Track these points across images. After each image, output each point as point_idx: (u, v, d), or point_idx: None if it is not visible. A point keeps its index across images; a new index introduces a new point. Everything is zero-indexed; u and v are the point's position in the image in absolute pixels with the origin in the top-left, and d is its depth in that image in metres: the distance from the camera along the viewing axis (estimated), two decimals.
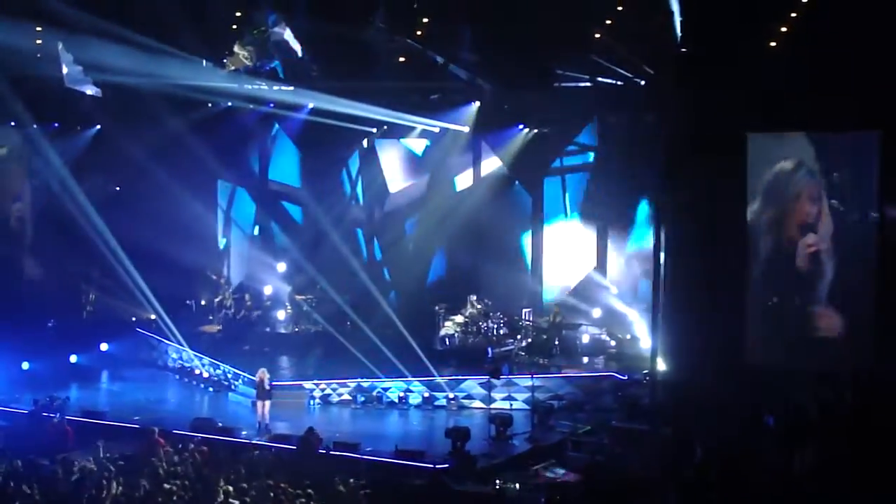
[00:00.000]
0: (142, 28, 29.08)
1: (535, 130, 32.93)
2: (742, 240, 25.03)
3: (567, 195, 33.86)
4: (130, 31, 28.94)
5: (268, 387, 26.01)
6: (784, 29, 24.57)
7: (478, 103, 32.78)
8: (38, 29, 30.20)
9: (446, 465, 22.09)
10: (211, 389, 29.63)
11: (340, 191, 37.09)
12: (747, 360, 24.77)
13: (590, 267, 32.89)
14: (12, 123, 34.15)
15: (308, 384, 28.33)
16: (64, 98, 32.82)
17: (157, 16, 28.88)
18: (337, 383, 28.21)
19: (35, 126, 34.27)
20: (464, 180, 35.07)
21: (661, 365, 25.83)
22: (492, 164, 34.54)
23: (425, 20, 30.01)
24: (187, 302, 34.59)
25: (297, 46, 31.15)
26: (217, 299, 34.15)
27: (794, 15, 24.46)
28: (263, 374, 26.43)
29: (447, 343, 30.61)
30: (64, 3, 27.95)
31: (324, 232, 34.95)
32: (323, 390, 28.12)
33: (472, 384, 27.59)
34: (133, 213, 33.31)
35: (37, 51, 31.06)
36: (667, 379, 25.50)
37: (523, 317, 31.50)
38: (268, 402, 25.93)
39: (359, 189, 36.89)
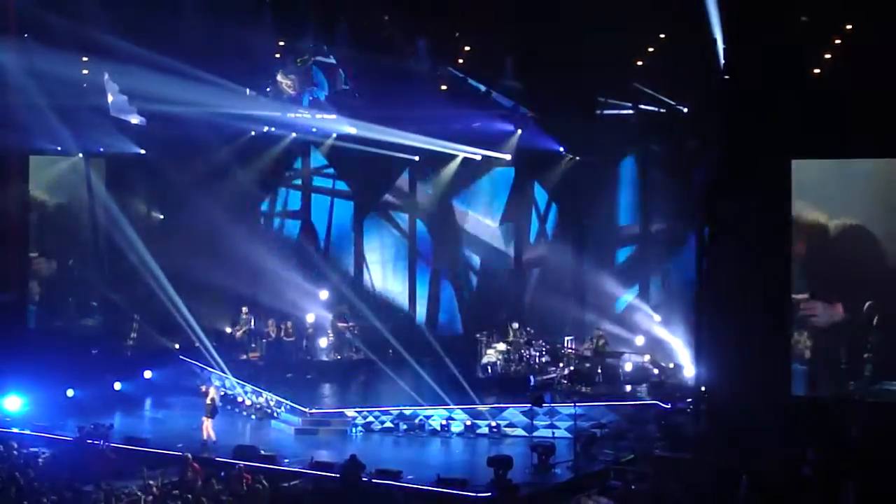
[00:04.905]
0: (186, 57, 29.41)
1: (578, 158, 32.86)
2: (786, 269, 24.86)
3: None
4: (175, 61, 29.30)
5: (209, 402, 26.51)
6: (828, 56, 24.46)
7: (520, 131, 32.81)
8: (85, 59, 30.61)
9: (489, 494, 22.03)
10: (253, 417, 29.69)
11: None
12: (793, 391, 24.63)
13: (633, 294, 32.83)
14: (58, 149, 34.57)
15: (350, 412, 28.32)
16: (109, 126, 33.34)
17: (201, 45, 29.18)
18: (379, 411, 28.19)
19: (80, 155, 34.77)
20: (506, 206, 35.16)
21: (705, 393, 25.71)
22: (535, 192, 34.60)
23: (467, 48, 30.12)
24: (229, 330, 34.75)
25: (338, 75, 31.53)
26: (265, 328, 34.24)
27: (837, 42, 24.35)
28: (210, 389, 26.65)
29: (489, 371, 30.52)
30: (110, 34, 28.32)
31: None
32: (365, 418, 28.09)
33: (515, 412, 27.47)
34: (176, 240, 33.59)
35: (83, 80, 31.55)
36: (711, 408, 25.35)
37: (566, 344, 31.35)
38: (210, 421, 26.40)
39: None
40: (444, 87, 31.16)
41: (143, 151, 34.92)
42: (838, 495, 20.20)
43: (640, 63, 28.04)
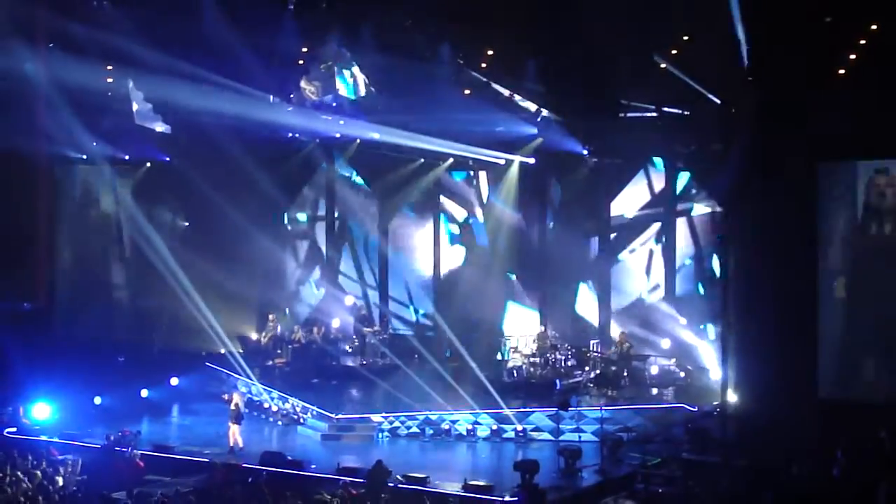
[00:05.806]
0: (210, 65, 29.51)
1: (602, 161, 32.77)
2: (813, 269, 24.73)
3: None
4: (198, 68, 29.40)
5: (234, 408, 26.62)
6: (852, 57, 24.33)
7: (542, 137, 32.76)
8: (109, 67, 30.76)
9: (515, 499, 21.98)
10: (280, 423, 29.75)
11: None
12: (820, 393, 24.49)
13: (658, 297, 32.73)
14: (83, 157, 34.79)
15: (376, 417, 28.34)
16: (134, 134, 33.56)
17: (225, 52, 29.26)
18: (405, 416, 28.21)
19: (107, 163, 34.98)
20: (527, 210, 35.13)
21: (732, 396, 25.60)
22: (555, 193, 34.55)
23: (490, 52, 30.10)
24: (255, 336, 34.86)
25: (362, 81, 31.60)
26: (291, 334, 34.28)
27: (862, 42, 24.21)
28: (234, 395, 26.72)
29: (515, 375, 30.48)
30: (134, 42, 28.43)
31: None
32: (391, 423, 28.12)
33: (541, 416, 27.47)
34: (202, 247, 33.73)
35: (107, 88, 31.71)
36: (738, 411, 25.24)
37: (591, 348, 31.32)
38: (237, 427, 26.50)
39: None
40: (467, 92, 31.14)
41: (168, 159, 35.10)
42: (869, 497, 20.08)
43: (663, 65, 27.93)
